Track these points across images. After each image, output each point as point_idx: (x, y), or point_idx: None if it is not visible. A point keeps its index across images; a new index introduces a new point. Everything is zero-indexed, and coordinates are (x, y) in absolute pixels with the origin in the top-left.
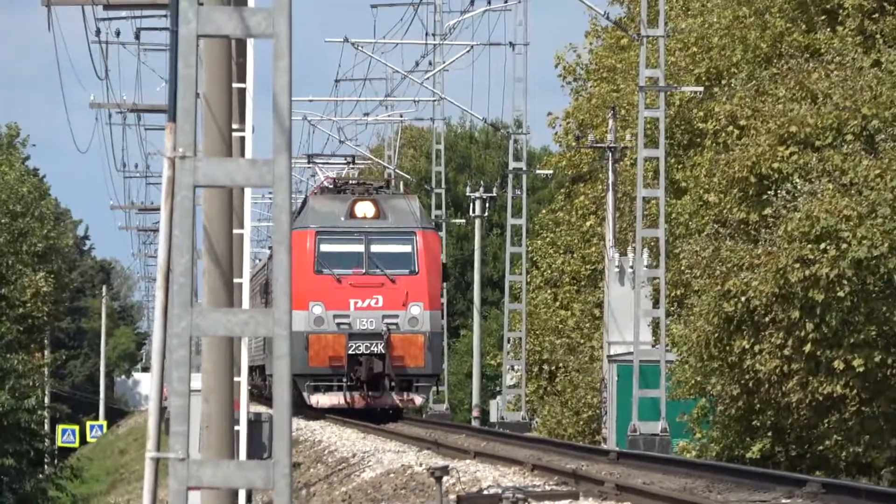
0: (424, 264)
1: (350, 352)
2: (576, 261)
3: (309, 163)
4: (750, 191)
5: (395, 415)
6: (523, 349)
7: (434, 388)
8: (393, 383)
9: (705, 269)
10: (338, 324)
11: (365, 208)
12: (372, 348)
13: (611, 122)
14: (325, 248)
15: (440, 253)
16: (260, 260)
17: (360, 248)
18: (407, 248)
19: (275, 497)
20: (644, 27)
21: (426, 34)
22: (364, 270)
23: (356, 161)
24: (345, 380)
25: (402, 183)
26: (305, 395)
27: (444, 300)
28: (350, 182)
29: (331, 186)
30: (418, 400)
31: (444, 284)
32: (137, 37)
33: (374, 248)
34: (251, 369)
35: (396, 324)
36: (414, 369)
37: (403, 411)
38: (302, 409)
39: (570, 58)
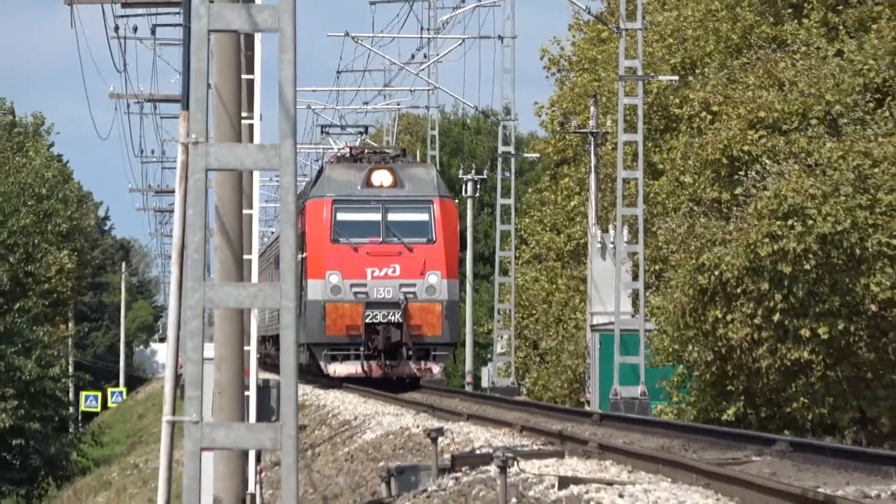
0: (442, 233)
1: (367, 321)
2: (561, 238)
3: (322, 134)
4: (722, 172)
5: (412, 384)
6: (512, 319)
7: (451, 357)
8: (410, 352)
9: (681, 244)
10: (355, 293)
11: (382, 177)
12: (389, 317)
13: (592, 109)
14: (341, 216)
15: (457, 221)
16: (274, 232)
17: (377, 216)
18: (424, 217)
19: (283, 457)
20: (623, 21)
21: (421, 29)
22: (381, 239)
23: (368, 131)
24: (362, 349)
25: (417, 151)
26: (322, 364)
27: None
28: (367, 151)
29: (347, 155)
30: (436, 369)
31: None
32: (153, 32)
33: (391, 217)
34: (265, 339)
35: (414, 292)
36: (431, 338)
37: (421, 380)
38: (319, 378)
39: (555, 50)
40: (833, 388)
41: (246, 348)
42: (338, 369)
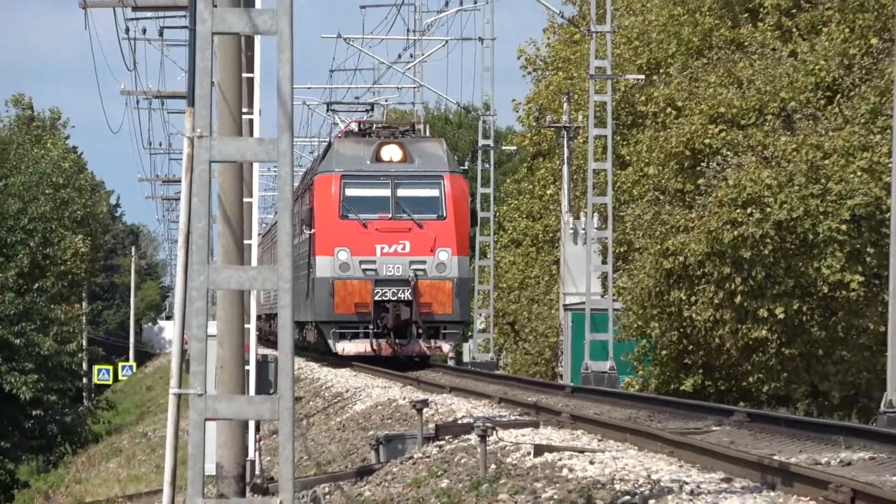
0: (452, 209)
1: (376, 298)
2: (537, 225)
3: (328, 111)
4: (685, 163)
5: (421, 363)
6: (491, 299)
7: (461, 335)
8: (420, 330)
9: (647, 230)
10: (364, 270)
11: (391, 151)
12: (399, 295)
13: (566, 105)
14: (350, 192)
15: (468, 197)
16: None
17: (386, 192)
18: (434, 193)
19: (280, 426)
20: (593, 24)
21: (407, 31)
22: (390, 215)
23: (374, 109)
24: (371, 327)
25: (427, 126)
26: (331, 342)
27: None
28: (375, 126)
29: (356, 130)
30: (446, 347)
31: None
32: (161, 34)
33: (401, 193)
34: (269, 317)
35: (424, 270)
36: (441, 316)
37: (430, 359)
38: (326, 356)
39: (531, 50)
40: (787, 364)
41: (246, 326)
42: (346, 347)
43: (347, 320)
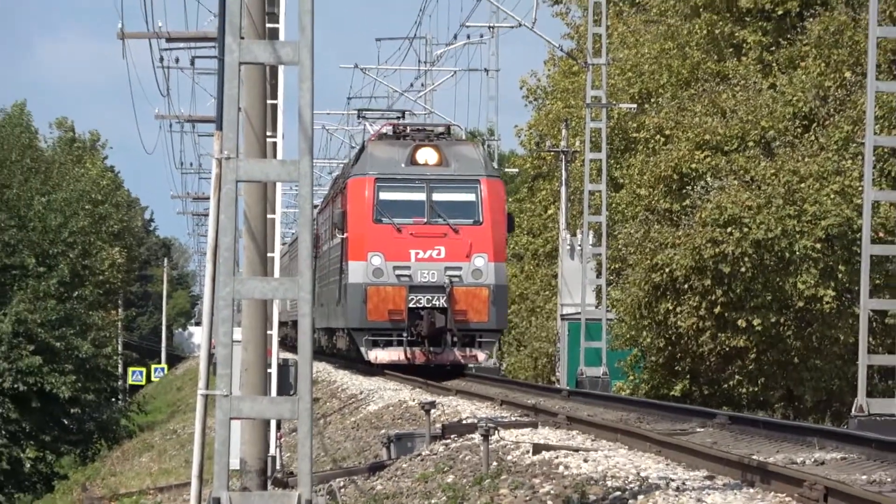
0: (489, 214)
1: (410, 305)
2: (537, 241)
3: (359, 118)
4: (673, 186)
5: (456, 372)
6: None
7: (497, 345)
8: (455, 339)
9: (637, 247)
10: (398, 275)
11: (427, 154)
12: (433, 302)
13: (564, 131)
14: (384, 195)
15: (505, 202)
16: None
17: (421, 196)
18: (471, 197)
19: (299, 425)
20: (590, 57)
21: (419, 62)
22: (426, 220)
23: (405, 116)
24: (405, 335)
25: (463, 129)
26: (363, 350)
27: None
28: (410, 128)
29: (390, 133)
30: (481, 356)
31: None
32: (192, 63)
33: (437, 197)
34: (294, 323)
35: (459, 276)
36: (477, 324)
37: (465, 368)
38: (356, 363)
39: (532, 81)
40: (765, 371)
41: (269, 332)
42: (379, 356)
43: (380, 327)
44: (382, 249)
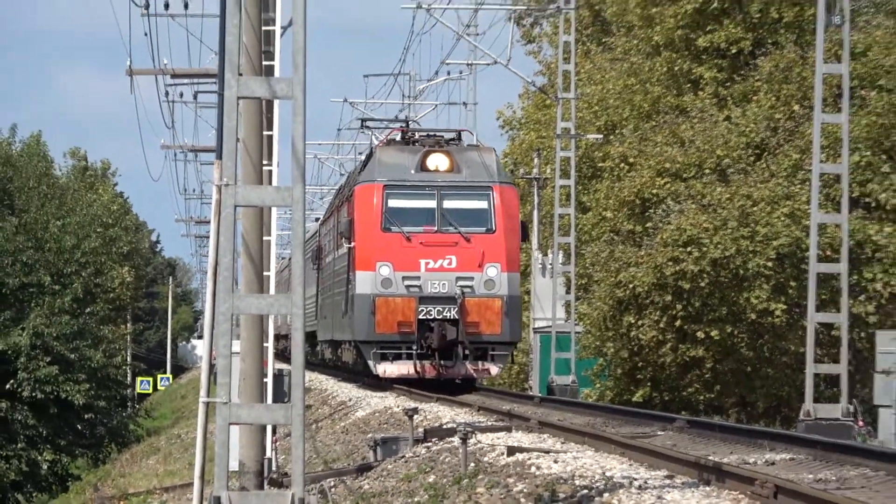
0: (502, 222)
1: (420, 317)
2: None
3: (362, 128)
4: (636, 209)
5: (467, 385)
6: None
7: (510, 357)
8: (467, 352)
9: (603, 265)
10: (407, 286)
11: (438, 160)
12: (444, 313)
13: (536, 160)
14: (393, 203)
15: (518, 210)
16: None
17: (432, 203)
18: (483, 205)
19: (293, 430)
20: (560, 92)
21: (403, 96)
22: (436, 228)
23: (409, 126)
24: (415, 348)
25: (475, 135)
26: (371, 363)
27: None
28: (419, 134)
29: (398, 139)
30: (494, 370)
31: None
32: (195, 98)
33: (448, 204)
34: (284, 336)
35: (471, 287)
36: (490, 336)
37: (477, 382)
38: (361, 377)
39: (508, 113)
40: (720, 378)
41: (265, 345)
42: (388, 369)
43: (389, 340)
44: (391, 259)
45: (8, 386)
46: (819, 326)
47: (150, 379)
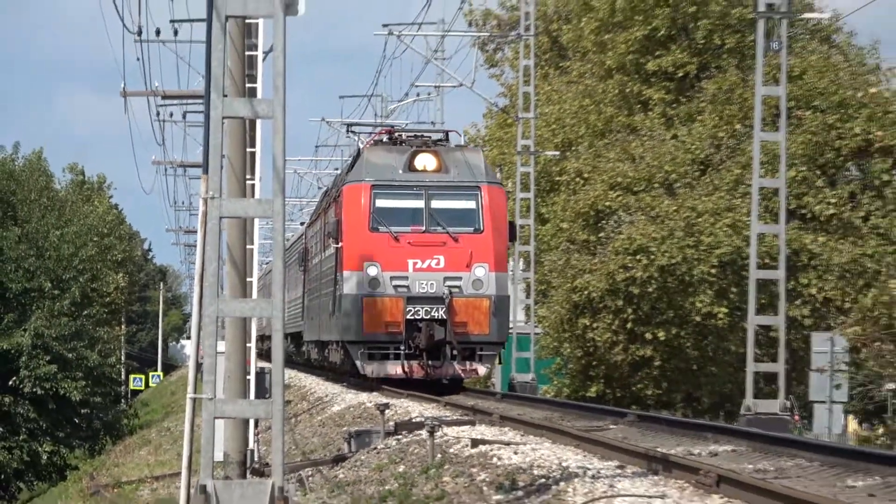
0: (490, 222)
1: (408, 317)
2: None
3: (348, 133)
4: (590, 220)
5: (455, 386)
6: None
7: (498, 358)
8: (455, 352)
9: (560, 272)
10: (395, 286)
11: (425, 160)
12: (432, 313)
13: (498, 175)
14: (381, 203)
15: (506, 210)
16: (292, 236)
17: (419, 203)
18: (471, 204)
19: (273, 423)
20: (520, 112)
21: (375, 115)
22: (424, 228)
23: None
24: (403, 348)
25: (462, 136)
26: (359, 363)
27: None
28: (406, 134)
29: (385, 140)
30: (482, 370)
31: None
32: (184, 117)
33: (435, 204)
34: (268, 337)
35: (459, 287)
36: (478, 337)
37: (464, 382)
38: (350, 377)
39: (473, 131)
40: (668, 376)
41: (248, 345)
42: (376, 370)
43: (377, 340)
44: (379, 259)
45: (11, 382)
46: (758, 328)
47: (143, 376)
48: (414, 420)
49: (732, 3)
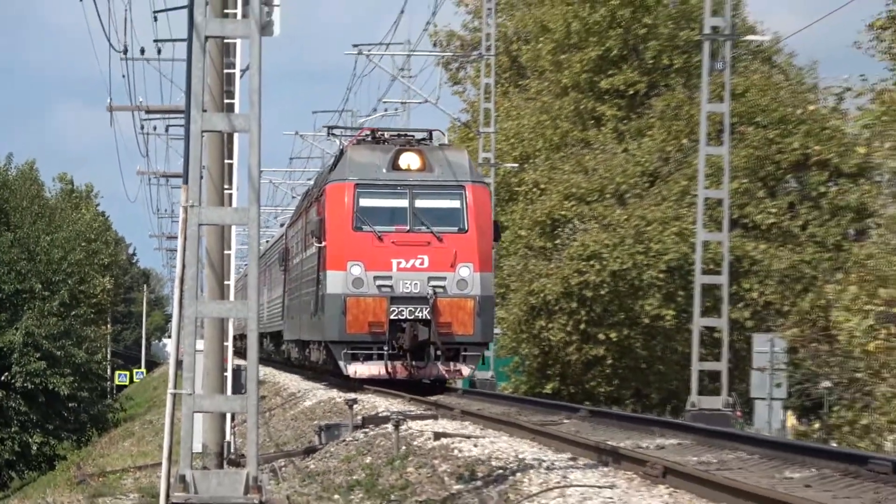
0: (475, 221)
1: (392, 317)
2: None
3: (328, 136)
4: (546, 228)
5: (439, 386)
6: None
7: (482, 359)
8: (439, 352)
9: (518, 276)
10: (379, 286)
11: (410, 159)
12: (416, 313)
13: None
14: (365, 202)
15: (492, 209)
16: (268, 241)
17: (403, 202)
18: (456, 204)
19: (248, 417)
20: (482, 126)
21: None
22: (408, 227)
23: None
24: (386, 348)
25: (446, 135)
26: (342, 364)
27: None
28: (390, 133)
29: (369, 139)
30: (466, 371)
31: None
32: (167, 130)
33: (420, 203)
34: (262, 335)
35: (443, 287)
36: (462, 337)
37: (448, 383)
38: (328, 376)
39: None
40: (619, 374)
41: (225, 344)
42: (359, 370)
43: (360, 340)
44: (362, 258)
45: (3, 378)
46: (703, 329)
47: (127, 373)
48: (380, 414)
49: (680, 26)
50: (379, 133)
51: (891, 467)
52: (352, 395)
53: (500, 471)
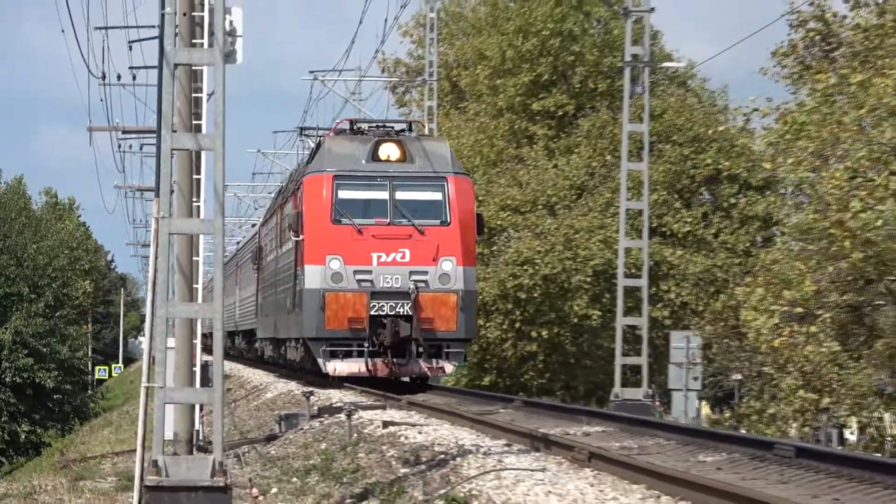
0: (457, 214)
1: (372, 313)
2: None
3: (300, 137)
4: (484, 236)
5: (421, 384)
6: None
7: (465, 355)
8: (420, 349)
9: None
10: (358, 280)
11: (389, 150)
12: (397, 309)
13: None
14: (343, 194)
15: (474, 202)
16: (239, 242)
17: (384, 194)
18: (437, 196)
19: (214, 408)
20: None
21: (304, 148)
22: (388, 220)
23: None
24: (366, 345)
25: (424, 126)
26: (321, 361)
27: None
28: (369, 125)
29: (348, 130)
30: (448, 368)
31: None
32: (141, 148)
33: (400, 195)
34: (234, 333)
35: (425, 281)
36: (445, 333)
37: (430, 380)
38: (309, 375)
39: None
40: (550, 368)
41: (194, 342)
42: (338, 367)
43: (339, 337)
44: (342, 252)
45: None
46: (626, 327)
47: (106, 368)
48: (334, 405)
49: (604, 54)
50: (358, 124)
51: (794, 452)
52: (308, 389)
53: (442, 456)
